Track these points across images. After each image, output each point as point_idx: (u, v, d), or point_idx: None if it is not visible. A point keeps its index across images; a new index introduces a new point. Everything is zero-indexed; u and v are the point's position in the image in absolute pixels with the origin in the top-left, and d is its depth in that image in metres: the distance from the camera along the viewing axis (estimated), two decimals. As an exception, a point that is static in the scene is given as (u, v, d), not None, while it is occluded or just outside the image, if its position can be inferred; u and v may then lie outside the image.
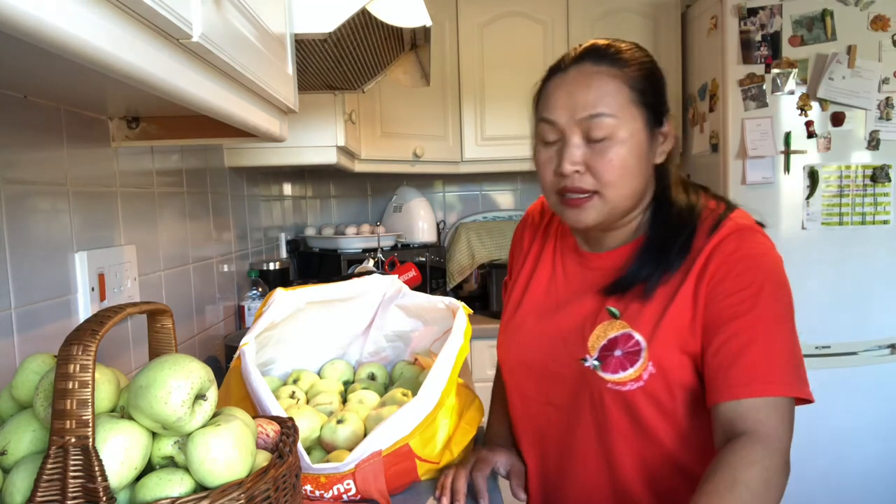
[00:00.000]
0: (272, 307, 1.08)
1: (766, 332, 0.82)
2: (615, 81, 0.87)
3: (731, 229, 0.88)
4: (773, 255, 0.88)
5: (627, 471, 0.91)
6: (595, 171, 0.87)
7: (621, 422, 0.89)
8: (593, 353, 0.90)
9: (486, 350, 2.35)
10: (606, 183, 0.87)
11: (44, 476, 0.52)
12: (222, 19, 0.64)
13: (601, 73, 0.87)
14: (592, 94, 0.86)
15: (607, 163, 0.86)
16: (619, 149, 0.86)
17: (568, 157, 0.87)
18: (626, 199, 0.89)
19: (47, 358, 0.66)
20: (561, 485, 0.98)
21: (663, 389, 0.87)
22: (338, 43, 1.19)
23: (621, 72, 0.87)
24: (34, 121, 0.89)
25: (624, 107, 0.86)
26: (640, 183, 0.90)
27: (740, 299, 0.83)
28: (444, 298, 1.19)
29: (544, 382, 0.97)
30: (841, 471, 2.27)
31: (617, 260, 0.94)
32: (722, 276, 0.85)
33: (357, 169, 2.30)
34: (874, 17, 2.20)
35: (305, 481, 0.88)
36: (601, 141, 0.86)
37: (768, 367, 0.81)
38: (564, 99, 0.88)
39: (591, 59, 0.88)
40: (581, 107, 0.86)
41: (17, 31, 0.38)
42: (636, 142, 0.87)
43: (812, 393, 0.82)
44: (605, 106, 0.86)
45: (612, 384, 0.88)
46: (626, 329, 0.89)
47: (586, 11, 2.64)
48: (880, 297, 2.26)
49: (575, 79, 0.88)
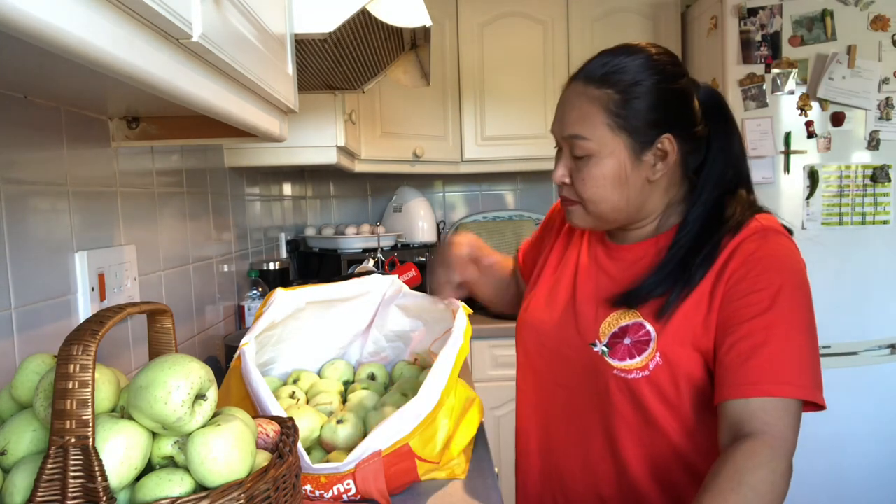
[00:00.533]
0: (272, 307, 1.08)
1: (781, 334, 0.81)
2: (595, 106, 0.90)
3: (753, 230, 0.88)
4: (795, 258, 0.87)
5: (630, 456, 0.92)
6: (574, 185, 0.93)
7: (625, 408, 0.91)
8: (603, 338, 0.92)
9: (486, 350, 2.35)
10: (583, 198, 0.93)
11: (44, 476, 0.52)
12: (222, 19, 0.64)
13: (585, 96, 0.91)
14: (573, 115, 0.92)
15: (581, 181, 0.92)
16: (594, 168, 0.91)
17: (556, 170, 0.96)
18: (610, 212, 0.93)
19: (47, 358, 0.66)
20: (565, 462, 1.00)
21: (669, 382, 0.88)
22: (338, 43, 1.19)
23: (605, 94, 0.89)
24: (34, 121, 0.89)
25: (600, 130, 0.89)
26: (623, 200, 0.92)
27: (758, 299, 0.83)
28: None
29: (555, 363, 1.00)
30: (841, 471, 2.27)
31: (638, 254, 0.97)
32: (741, 276, 0.85)
33: (357, 169, 2.30)
34: (874, 17, 2.20)
35: (305, 481, 0.88)
36: (581, 158, 0.92)
37: (780, 367, 0.80)
38: (559, 114, 0.95)
39: (583, 78, 0.93)
40: (566, 126, 0.93)
41: (17, 31, 0.38)
42: (616, 162, 0.90)
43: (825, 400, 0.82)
44: (581, 129, 0.90)
45: (617, 371, 0.90)
46: (638, 319, 0.90)
47: (586, 11, 2.63)
48: (880, 297, 2.26)
49: (567, 97, 0.94)
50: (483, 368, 2.36)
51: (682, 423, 0.89)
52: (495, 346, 2.34)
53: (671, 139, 0.90)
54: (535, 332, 1.04)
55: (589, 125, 0.90)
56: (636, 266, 0.95)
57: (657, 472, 0.92)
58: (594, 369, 0.93)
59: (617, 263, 0.99)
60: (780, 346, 0.81)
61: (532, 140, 2.67)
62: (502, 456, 2.33)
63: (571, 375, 0.97)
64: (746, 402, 0.80)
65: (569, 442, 0.99)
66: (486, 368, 2.36)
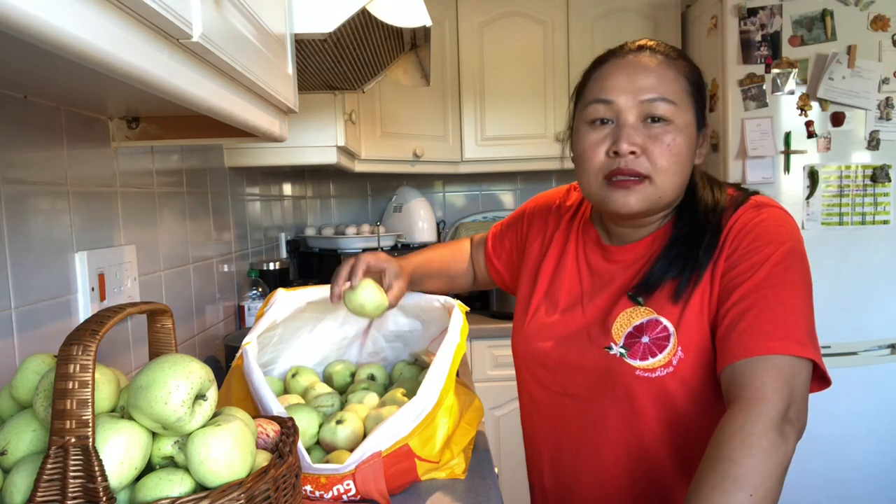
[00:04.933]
0: (274, 307, 1.08)
1: (769, 296, 0.80)
2: (674, 71, 0.89)
3: (748, 206, 0.89)
4: (788, 226, 0.87)
5: (654, 457, 0.90)
6: (651, 154, 0.87)
7: (650, 408, 0.88)
8: (619, 340, 0.90)
9: (486, 350, 2.35)
10: (660, 168, 0.88)
11: (44, 476, 0.52)
12: (222, 19, 0.64)
13: (665, 63, 0.90)
14: (654, 79, 0.88)
15: (665, 147, 0.87)
16: (675, 135, 0.88)
17: (626, 137, 0.87)
18: (674, 188, 0.90)
19: (47, 358, 0.66)
20: (576, 474, 0.98)
21: (694, 374, 0.86)
22: (338, 43, 1.19)
23: (679, 64, 0.90)
24: (34, 121, 0.89)
25: (682, 96, 0.89)
26: (686, 175, 0.92)
27: (748, 266, 0.83)
28: (440, 297, 1.19)
29: (560, 373, 0.97)
30: (841, 471, 2.27)
31: (639, 252, 0.95)
32: (734, 247, 0.86)
33: (357, 169, 2.30)
34: (874, 17, 2.20)
35: (305, 481, 0.88)
36: (659, 124, 0.88)
37: (762, 326, 0.77)
38: (624, 81, 0.89)
39: (649, 50, 0.91)
40: (643, 89, 0.88)
41: (17, 31, 0.38)
42: (689, 133, 0.90)
43: (822, 359, 0.78)
44: (667, 91, 0.88)
45: (640, 371, 0.87)
46: (653, 315, 0.89)
47: (586, 11, 2.63)
48: (880, 297, 2.26)
49: (636, 63, 0.90)
50: (483, 368, 2.36)
51: (709, 417, 0.86)
52: (495, 346, 2.34)
53: (708, 126, 0.94)
54: (537, 344, 1.01)
55: (674, 90, 0.88)
56: (635, 265, 0.95)
57: (684, 468, 0.89)
58: (612, 373, 0.90)
59: (615, 265, 0.98)
60: (766, 307, 0.79)
61: (532, 140, 2.67)
62: (502, 456, 2.33)
63: (581, 384, 0.94)
64: (732, 368, 0.77)
65: (579, 448, 0.97)
66: (486, 368, 2.36)
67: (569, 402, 0.97)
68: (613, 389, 0.90)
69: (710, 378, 0.86)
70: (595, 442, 0.95)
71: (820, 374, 0.80)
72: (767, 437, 0.70)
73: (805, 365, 0.77)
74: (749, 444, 0.69)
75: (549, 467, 1.03)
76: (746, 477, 0.67)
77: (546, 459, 1.04)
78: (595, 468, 0.95)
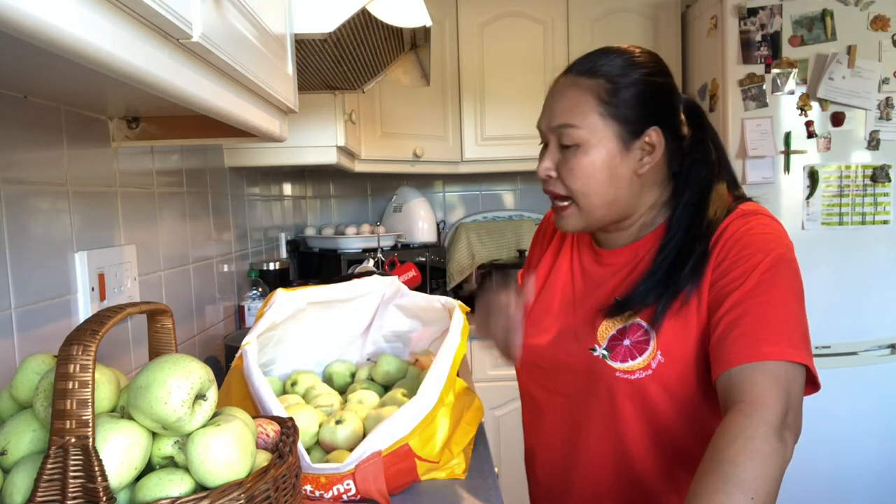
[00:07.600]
0: (273, 307, 1.08)
1: (759, 303, 0.80)
2: (585, 94, 0.90)
3: (735, 215, 0.89)
4: (775, 234, 0.87)
5: (637, 459, 0.91)
6: (564, 178, 0.92)
7: (630, 410, 0.90)
8: (602, 342, 0.92)
9: (486, 350, 2.35)
10: (573, 190, 0.92)
11: (44, 476, 0.52)
12: (222, 19, 0.64)
13: (575, 86, 0.92)
14: (563, 105, 0.92)
15: (570, 171, 0.91)
16: (583, 158, 0.90)
17: (540, 162, 0.95)
18: (600, 207, 0.92)
19: (47, 358, 0.66)
20: (569, 473, 0.99)
21: (674, 378, 0.87)
22: (338, 43, 1.19)
23: (595, 84, 0.90)
24: (34, 121, 0.89)
25: (590, 118, 0.90)
26: (612, 192, 0.91)
27: (738, 274, 0.83)
28: (440, 298, 1.19)
29: (552, 373, 0.99)
30: (841, 471, 2.27)
31: (627, 256, 0.97)
32: (723, 257, 0.86)
33: (357, 169, 2.30)
34: (874, 17, 2.20)
35: (305, 481, 0.88)
36: (570, 149, 0.91)
37: (757, 334, 0.78)
38: (546, 107, 0.95)
39: (575, 70, 0.93)
40: (554, 115, 0.93)
41: (17, 31, 0.38)
42: (605, 152, 0.90)
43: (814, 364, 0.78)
44: (571, 117, 0.90)
45: (620, 373, 0.90)
46: (635, 319, 0.90)
47: (586, 11, 2.63)
48: (880, 297, 2.26)
49: (556, 89, 0.95)
50: (483, 368, 2.36)
51: (691, 421, 0.88)
52: (495, 347, 2.33)
53: (658, 132, 0.91)
54: (533, 351, 1.02)
55: (579, 113, 0.90)
56: (625, 269, 0.96)
57: (664, 470, 0.91)
58: (595, 374, 0.92)
59: (606, 269, 0.99)
60: (759, 314, 0.79)
61: (532, 140, 2.63)
62: (502, 456, 2.33)
63: (571, 383, 0.97)
64: (728, 375, 0.78)
65: (571, 447, 0.98)
66: (486, 368, 2.36)
67: (562, 401, 0.99)
68: (597, 390, 0.92)
69: (693, 383, 0.87)
70: (584, 441, 0.96)
71: (811, 379, 0.81)
72: (769, 442, 0.70)
73: (800, 370, 0.78)
74: (751, 449, 0.69)
75: (546, 466, 1.04)
76: (748, 481, 0.68)
77: (542, 458, 1.05)
78: (585, 467, 0.97)
